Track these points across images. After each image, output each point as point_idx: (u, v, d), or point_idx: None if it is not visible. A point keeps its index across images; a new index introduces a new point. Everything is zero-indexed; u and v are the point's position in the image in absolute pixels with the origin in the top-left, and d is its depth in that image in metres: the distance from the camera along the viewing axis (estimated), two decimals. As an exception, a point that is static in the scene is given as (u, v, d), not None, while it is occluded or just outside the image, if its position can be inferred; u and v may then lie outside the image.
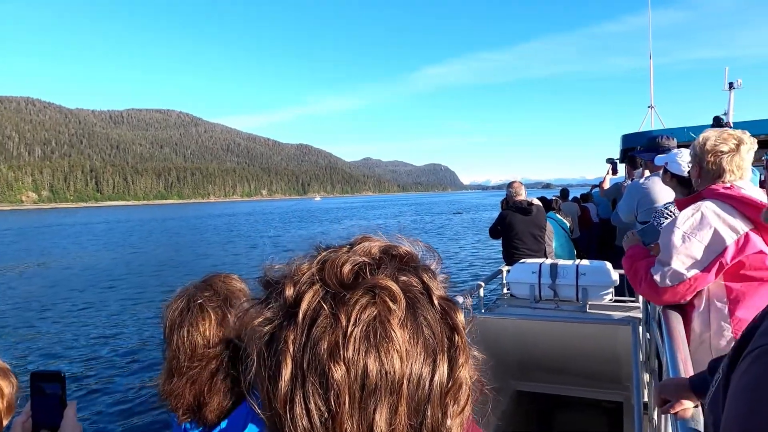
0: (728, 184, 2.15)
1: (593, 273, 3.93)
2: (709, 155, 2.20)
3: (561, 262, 4.20)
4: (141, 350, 9.55)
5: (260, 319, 0.52)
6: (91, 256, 27.41)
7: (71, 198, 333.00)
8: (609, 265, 4.05)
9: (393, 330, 0.48)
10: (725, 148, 2.17)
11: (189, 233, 44.89)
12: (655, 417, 2.85)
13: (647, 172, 4.52)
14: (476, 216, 60.18)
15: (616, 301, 3.99)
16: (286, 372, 0.48)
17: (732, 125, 4.69)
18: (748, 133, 2.23)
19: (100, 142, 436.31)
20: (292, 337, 0.48)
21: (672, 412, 1.42)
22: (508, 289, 4.42)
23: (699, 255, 2.05)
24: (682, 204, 2.30)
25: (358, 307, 0.48)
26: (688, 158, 2.50)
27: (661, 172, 3.19)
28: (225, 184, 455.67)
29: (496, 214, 6.04)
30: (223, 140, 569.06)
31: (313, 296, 0.50)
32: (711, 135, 2.22)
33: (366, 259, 0.52)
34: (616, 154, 9.43)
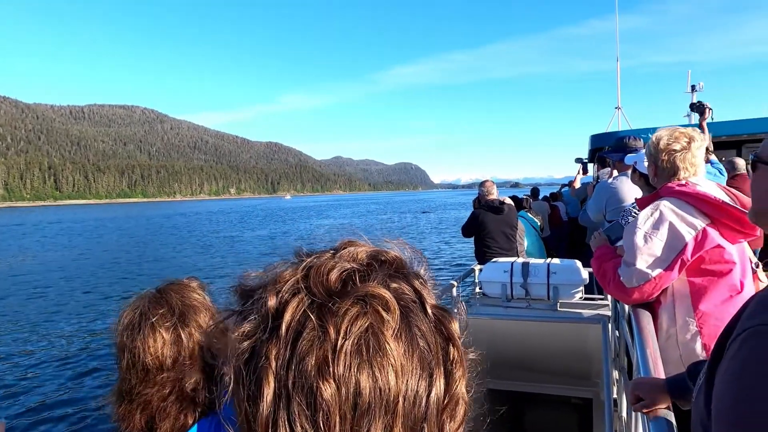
0: (683, 182, 2.22)
1: (564, 271, 3.97)
2: (663, 154, 2.26)
3: (532, 260, 4.23)
4: (61, 364, 8.96)
5: (238, 334, 0.47)
6: (26, 259, 25.18)
7: (28, 197, 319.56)
8: (579, 263, 4.11)
9: (387, 342, 0.44)
10: (677, 147, 2.23)
11: (144, 233, 42.49)
12: (624, 414, 2.91)
13: (615, 172, 4.61)
14: (444, 215, 60.49)
15: (586, 298, 4.05)
16: (269, 391, 0.43)
17: (711, 108, 4.81)
18: (698, 131, 2.31)
19: (60, 139, 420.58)
20: (274, 352, 0.44)
21: (645, 411, 1.44)
22: (480, 288, 4.43)
23: (661, 253, 2.10)
24: (642, 203, 2.37)
25: (348, 317, 0.44)
26: None
27: (629, 171, 3.26)
28: (192, 183, 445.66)
29: (464, 213, 6.08)
30: (190, 137, 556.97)
31: (298, 306, 0.45)
32: (663, 134, 2.28)
33: (354, 266, 0.48)
34: (584, 154, 9.64)
